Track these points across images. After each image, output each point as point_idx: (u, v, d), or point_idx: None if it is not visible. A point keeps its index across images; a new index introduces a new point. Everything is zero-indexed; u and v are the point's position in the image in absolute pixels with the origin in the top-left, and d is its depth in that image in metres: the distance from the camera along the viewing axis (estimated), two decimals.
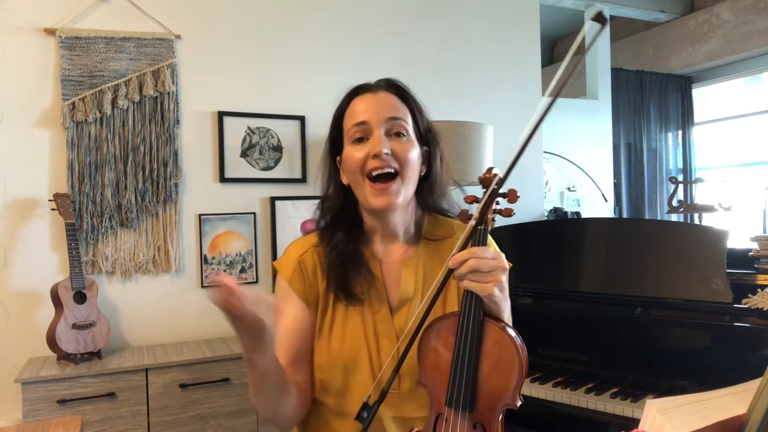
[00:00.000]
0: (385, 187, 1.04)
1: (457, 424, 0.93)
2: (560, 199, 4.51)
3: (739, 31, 4.64)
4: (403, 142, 1.07)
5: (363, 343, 1.08)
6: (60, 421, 1.41)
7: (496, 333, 0.94)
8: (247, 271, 2.62)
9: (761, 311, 1.58)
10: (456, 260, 0.92)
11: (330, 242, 1.11)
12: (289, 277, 1.12)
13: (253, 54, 2.66)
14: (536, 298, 2.10)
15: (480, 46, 3.18)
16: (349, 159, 1.07)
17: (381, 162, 1.03)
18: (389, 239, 1.14)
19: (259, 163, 2.65)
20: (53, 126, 2.32)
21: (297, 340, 1.11)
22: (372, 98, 1.09)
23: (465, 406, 0.92)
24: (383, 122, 1.06)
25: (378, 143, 1.04)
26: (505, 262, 0.95)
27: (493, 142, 2.74)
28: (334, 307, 1.11)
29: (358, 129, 1.07)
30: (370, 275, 1.10)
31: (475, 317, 0.93)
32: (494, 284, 0.92)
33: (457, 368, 0.93)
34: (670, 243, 1.86)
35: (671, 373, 1.74)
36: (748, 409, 0.59)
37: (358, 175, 1.06)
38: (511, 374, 0.92)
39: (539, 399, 1.87)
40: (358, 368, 1.07)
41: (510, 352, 0.93)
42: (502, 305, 0.96)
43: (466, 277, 0.92)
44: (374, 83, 1.13)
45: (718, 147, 5.27)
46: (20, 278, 2.27)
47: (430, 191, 1.14)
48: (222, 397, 2.18)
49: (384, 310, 1.10)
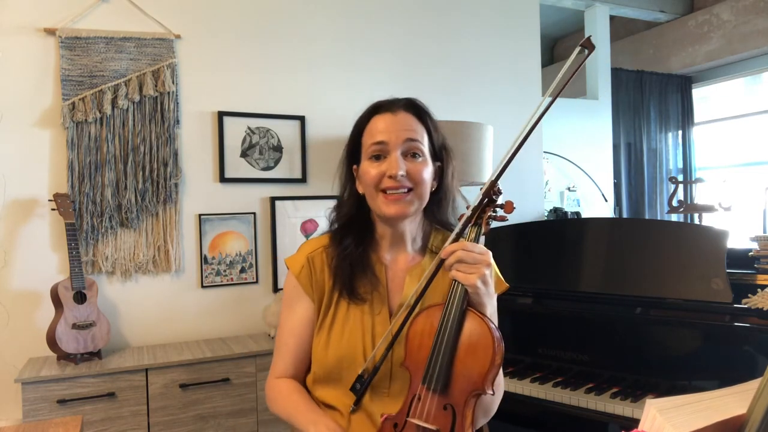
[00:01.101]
0: (397, 197, 1.11)
1: (427, 401, 1.00)
2: (560, 199, 4.51)
3: (739, 31, 4.64)
4: (418, 162, 1.13)
5: (360, 341, 1.14)
6: (60, 421, 1.41)
7: (475, 321, 1.01)
8: (247, 271, 2.62)
9: (761, 311, 1.58)
10: (447, 251, 1.02)
11: (340, 245, 1.18)
12: (298, 273, 1.20)
13: (253, 54, 2.66)
14: (536, 298, 2.10)
15: (480, 46, 3.18)
16: (366, 174, 1.14)
17: (396, 183, 1.10)
18: (397, 247, 1.21)
19: (259, 163, 2.65)
20: (53, 126, 2.32)
21: (305, 337, 1.20)
22: (392, 119, 1.15)
23: (437, 384, 0.99)
24: (401, 144, 1.12)
25: (395, 165, 1.10)
26: (490, 258, 1.03)
27: (493, 142, 2.74)
28: (337, 305, 1.18)
29: (377, 148, 1.13)
30: (374, 278, 1.17)
31: (458, 305, 1.01)
32: (477, 276, 1.00)
33: (435, 348, 1.01)
34: (670, 243, 1.86)
35: (671, 373, 1.74)
36: (748, 409, 0.59)
37: (372, 189, 1.13)
38: (485, 361, 0.98)
39: (539, 399, 1.87)
40: (353, 365, 1.13)
41: (486, 340, 0.99)
42: (485, 299, 1.03)
43: (454, 266, 1.01)
44: (394, 102, 1.18)
45: (718, 147, 5.27)
46: (20, 278, 2.27)
47: (439, 205, 1.21)
48: (222, 397, 2.18)
49: (384, 313, 1.16)
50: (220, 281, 2.57)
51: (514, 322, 2.10)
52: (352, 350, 1.13)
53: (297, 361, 1.20)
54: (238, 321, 2.60)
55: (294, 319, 1.20)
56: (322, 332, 1.17)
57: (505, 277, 1.24)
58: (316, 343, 1.18)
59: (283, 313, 1.23)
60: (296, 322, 1.20)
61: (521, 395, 1.90)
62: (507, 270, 2.23)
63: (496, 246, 2.31)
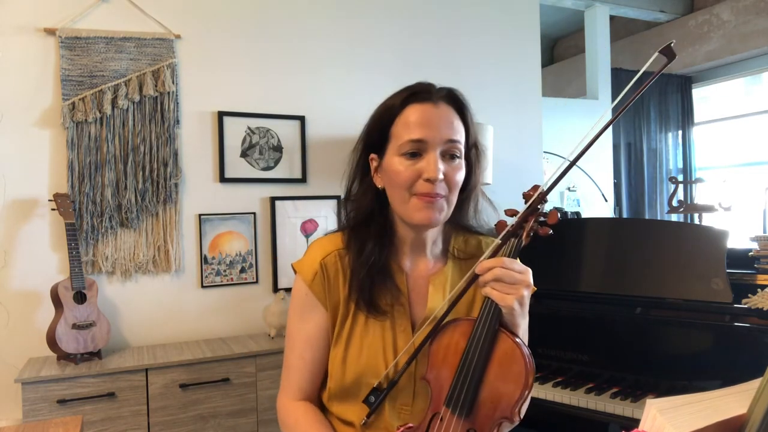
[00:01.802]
0: (432, 201, 0.99)
1: (451, 425, 0.93)
2: (560, 199, 4.51)
3: (739, 31, 4.64)
4: (455, 165, 1.02)
5: (381, 357, 1.05)
6: (60, 421, 1.41)
7: (508, 344, 0.93)
8: (247, 271, 2.62)
9: (761, 311, 1.58)
10: (483, 266, 0.93)
11: (361, 252, 1.06)
12: (310, 281, 1.08)
13: (253, 54, 2.66)
14: (536, 298, 2.06)
15: (480, 45, 3.18)
16: (397, 173, 1.00)
17: (433, 188, 0.98)
18: (418, 252, 1.10)
19: (259, 163, 2.65)
20: (53, 126, 2.32)
21: (322, 350, 1.10)
22: (433, 112, 1.01)
23: (463, 409, 0.92)
24: (441, 143, 1.00)
25: (434, 168, 0.98)
26: (530, 279, 0.94)
27: (493, 142, 2.74)
28: (354, 316, 1.07)
29: (414, 145, 0.99)
30: (396, 290, 1.06)
31: (490, 325, 0.93)
32: (515, 297, 0.91)
33: (462, 370, 0.93)
34: (670, 243, 1.86)
35: (671, 373, 1.74)
36: (748, 409, 0.59)
37: (403, 190, 1.00)
38: (515, 387, 0.91)
39: (539, 399, 1.87)
40: (373, 382, 1.04)
41: (518, 366, 0.92)
42: (519, 320, 0.95)
43: (489, 284, 0.92)
44: (435, 91, 1.05)
45: (718, 147, 5.27)
46: (20, 278, 2.27)
47: (462, 207, 1.09)
48: (222, 397, 2.18)
49: (406, 326, 1.07)
50: (220, 281, 2.57)
51: None
52: (372, 367, 1.04)
53: (314, 377, 1.10)
54: (238, 321, 2.60)
55: (308, 329, 1.09)
56: (339, 346, 1.07)
57: None
58: (332, 358, 1.08)
59: (294, 323, 1.11)
60: (312, 333, 1.08)
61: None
62: None
63: None
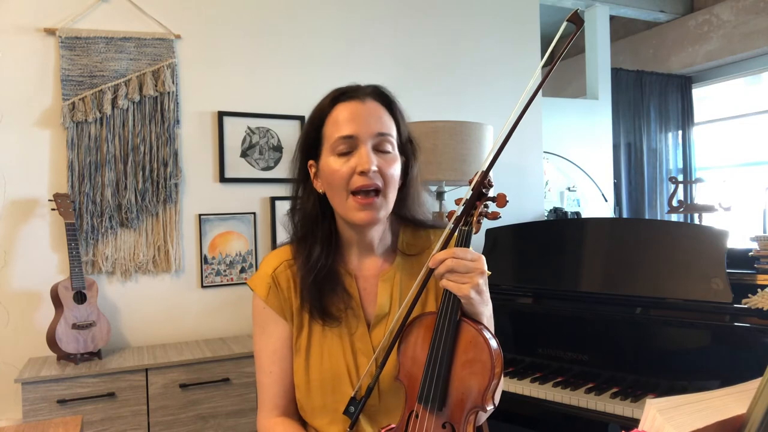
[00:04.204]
0: (369, 201, 1.00)
1: (426, 421, 0.94)
2: (560, 199, 4.51)
3: (739, 31, 4.64)
4: (389, 158, 1.03)
5: (342, 362, 1.06)
6: (60, 421, 1.41)
7: (471, 333, 0.94)
8: (247, 271, 2.62)
9: (761, 311, 1.58)
10: (435, 259, 0.93)
11: (308, 260, 1.06)
12: (266, 295, 1.09)
13: (253, 54, 2.66)
14: (536, 298, 2.10)
15: (480, 45, 3.18)
16: (332, 173, 1.01)
17: (368, 180, 0.99)
18: (365, 252, 1.11)
19: (259, 163, 2.65)
20: (53, 126, 2.32)
21: (290, 360, 1.10)
22: (361, 108, 1.02)
23: (434, 403, 0.93)
24: (371, 137, 1.01)
25: (367, 161, 0.99)
26: (484, 265, 0.94)
27: (492, 142, 2.74)
28: (310, 325, 1.09)
29: (344, 142, 1.01)
30: (346, 294, 1.07)
31: (451, 316, 0.94)
32: (470, 286, 0.91)
33: (430, 365, 0.95)
34: (670, 243, 1.86)
35: (671, 373, 1.74)
36: (748, 409, 0.59)
37: (341, 190, 1.01)
38: (483, 375, 0.92)
39: (539, 399, 1.87)
40: (340, 388, 1.05)
41: (483, 354, 0.92)
42: (480, 308, 0.95)
43: (444, 276, 0.92)
44: (360, 88, 1.06)
45: (718, 147, 5.27)
46: (20, 278, 2.27)
47: (406, 202, 1.11)
48: (222, 397, 2.18)
49: (362, 328, 1.08)
50: (220, 281, 2.57)
51: (513, 322, 2.09)
52: (335, 372, 1.05)
53: (286, 391, 1.09)
54: (238, 321, 2.60)
55: (272, 344, 1.09)
56: (299, 356, 1.08)
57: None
58: (296, 369, 1.09)
59: (258, 341, 1.11)
60: (277, 347, 1.09)
61: (521, 395, 1.90)
62: (507, 270, 2.24)
63: (496, 246, 2.32)
